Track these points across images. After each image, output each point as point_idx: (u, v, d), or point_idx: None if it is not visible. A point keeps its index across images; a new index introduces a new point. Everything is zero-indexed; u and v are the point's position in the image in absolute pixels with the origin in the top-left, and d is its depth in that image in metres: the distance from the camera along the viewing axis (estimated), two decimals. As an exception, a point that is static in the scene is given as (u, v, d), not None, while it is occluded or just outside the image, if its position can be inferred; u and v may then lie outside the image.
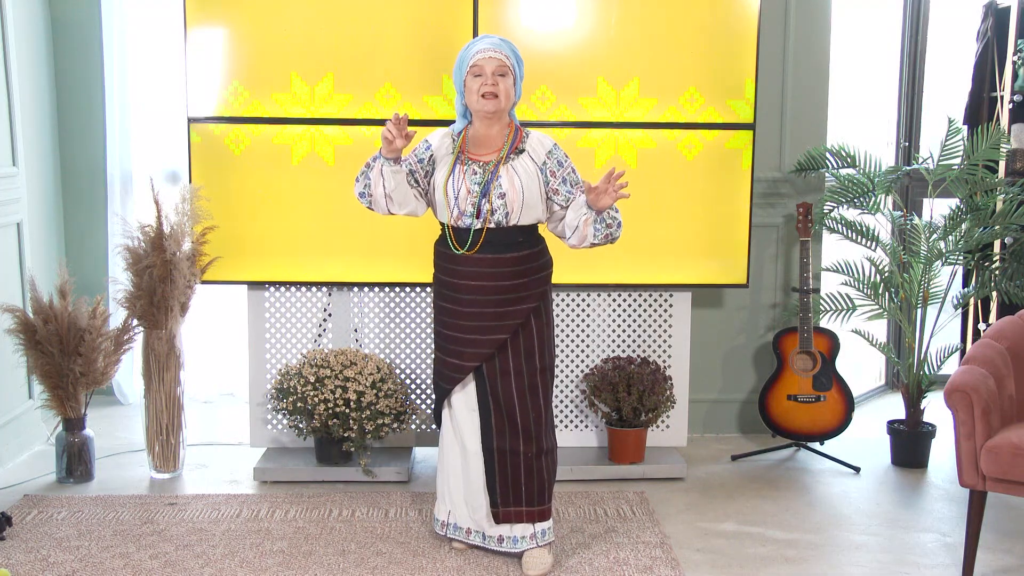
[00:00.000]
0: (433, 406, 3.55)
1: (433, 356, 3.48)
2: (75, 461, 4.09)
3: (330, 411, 3.96)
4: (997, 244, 4.60)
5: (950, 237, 4.37)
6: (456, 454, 3.39)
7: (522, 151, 3.25)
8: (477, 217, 3.20)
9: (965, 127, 4.92)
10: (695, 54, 4.11)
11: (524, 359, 3.28)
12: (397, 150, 3.17)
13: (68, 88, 4.93)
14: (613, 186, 3.13)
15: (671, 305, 4.39)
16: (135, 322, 4.11)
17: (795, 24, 4.60)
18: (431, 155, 3.30)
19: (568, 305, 4.35)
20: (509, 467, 3.30)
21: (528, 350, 3.29)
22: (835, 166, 4.53)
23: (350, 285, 4.24)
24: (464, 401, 3.35)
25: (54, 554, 3.40)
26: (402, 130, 3.13)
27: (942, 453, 4.46)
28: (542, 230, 3.37)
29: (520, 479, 3.30)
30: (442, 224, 3.32)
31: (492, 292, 3.25)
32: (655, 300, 4.39)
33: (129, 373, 5.06)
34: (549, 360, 3.34)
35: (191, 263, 4.05)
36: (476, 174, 3.21)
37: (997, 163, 4.61)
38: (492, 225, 3.21)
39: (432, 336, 4.29)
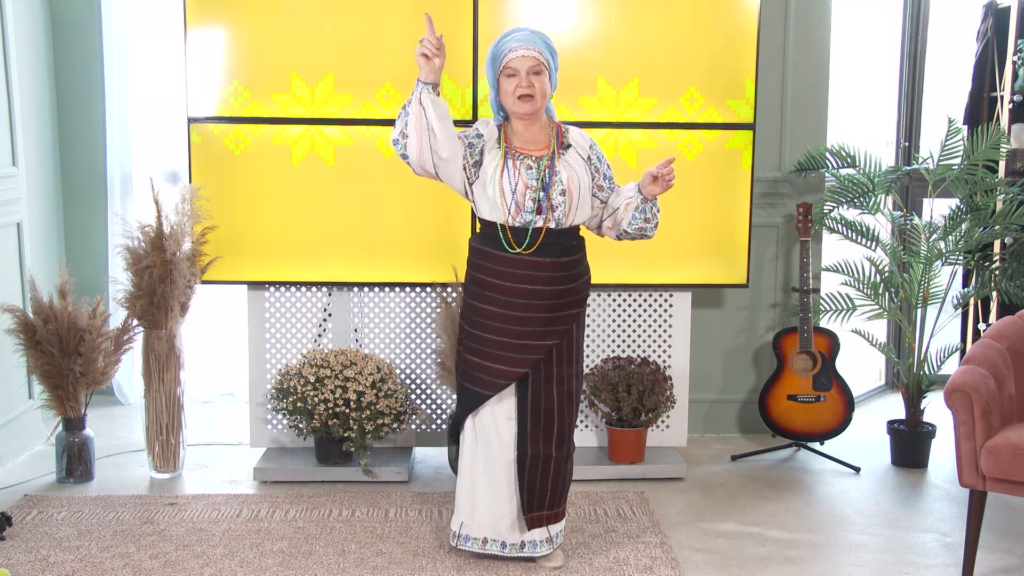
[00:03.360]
0: (455, 415, 3.35)
1: (462, 362, 3.27)
2: (75, 461, 4.09)
3: (330, 411, 3.96)
4: (997, 244, 4.60)
5: (950, 237, 4.37)
6: (483, 463, 3.26)
7: (568, 146, 3.20)
8: (539, 213, 3.11)
9: (965, 127, 4.92)
10: (695, 54, 4.11)
11: (565, 365, 3.24)
12: (437, 70, 3.02)
13: (68, 88, 4.93)
14: (667, 174, 3.14)
15: (671, 305, 4.39)
16: (135, 322, 4.11)
17: (795, 24, 4.60)
18: (482, 144, 3.16)
19: (568, 305, 4.34)
20: (540, 472, 3.23)
21: (568, 356, 3.24)
22: (835, 166, 4.53)
23: (350, 285, 4.24)
24: (503, 410, 3.23)
25: (54, 554, 3.40)
26: (440, 45, 3.01)
27: (942, 453, 4.46)
28: None
29: (548, 483, 3.25)
30: (489, 223, 3.18)
31: (548, 296, 3.16)
32: (655, 300, 4.39)
33: (129, 373, 5.06)
34: (581, 365, 3.33)
35: (191, 263, 4.05)
36: (531, 168, 3.13)
37: (997, 163, 4.62)
38: (552, 224, 3.14)
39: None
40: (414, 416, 4.28)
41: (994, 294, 4.69)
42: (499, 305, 3.17)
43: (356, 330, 4.31)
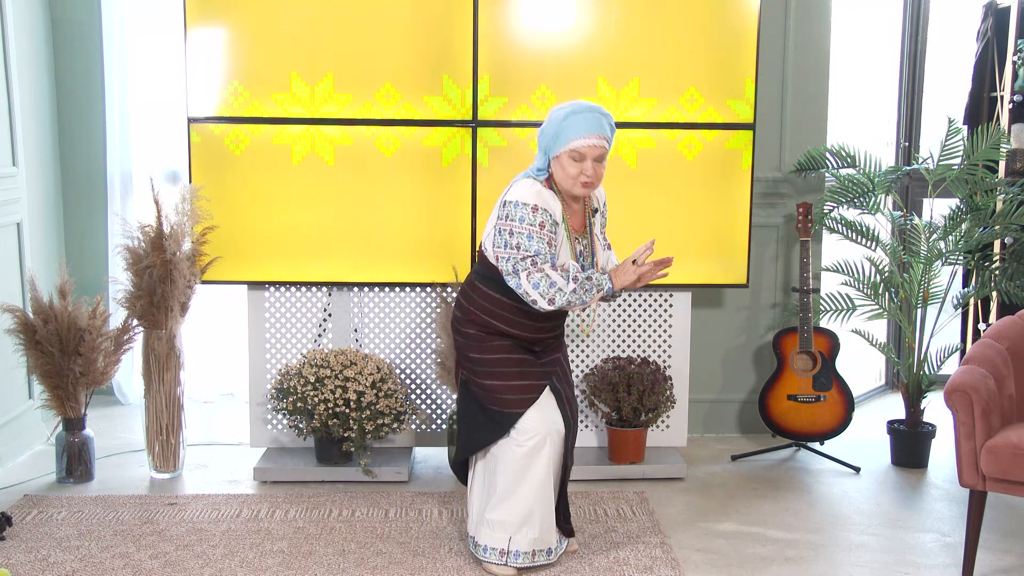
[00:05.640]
0: (478, 442, 3.30)
1: (481, 389, 3.25)
2: (75, 461, 4.09)
3: (330, 411, 3.96)
4: (997, 244, 4.60)
5: (950, 237, 4.37)
6: (543, 471, 3.22)
7: (596, 211, 3.30)
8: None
9: (965, 127, 4.92)
10: (695, 54, 4.11)
11: (569, 376, 3.40)
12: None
13: (68, 88, 4.93)
14: (654, 272, 3.13)
15: (671, 305, 4.39)
16: (135, 322, 4.11)
17: (795, 24, 4.60)
18: (555, 225, 3.14)
19: (568, 305, 4.35)
20: (565, 482, 3.37)
21: (568, 368, 3.42)
22: (835, 166, 4.53)
23: (350, 285, 4.24)
24: (544, 417, 3.23)
25: (54, 554, 3.40)
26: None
27: (942, 453, 4.46)
28: None
29: (566, 487, 3.40)
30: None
31: (551, 334, 3.31)
32: (655, 300, 4.39)
33: (129, 373, 5.06)
34: None
35: (191, 263, 4.05)
36: (582, 256, 3.22)
37: (997, 163, 4.62)
38: None
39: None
40: (414, 416, 4.28)
41: (994, 294, 4.69)
42: (511, 338, 3.25)
43: (356, 330, 4.30)
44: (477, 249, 3.67)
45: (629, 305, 4.38)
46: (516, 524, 3.23)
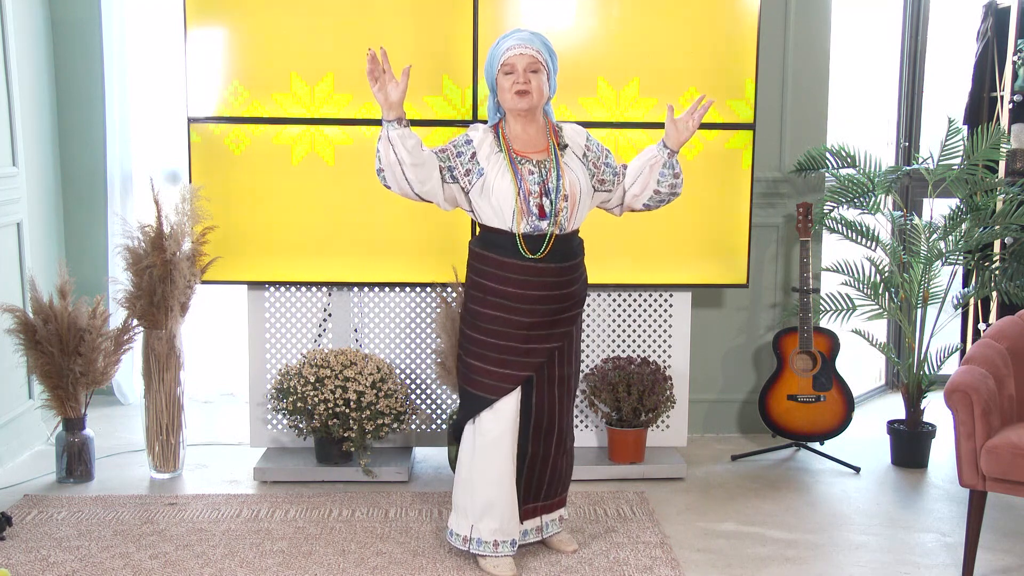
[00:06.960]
0: (459, 417, 3.33)
1: (464, 366, 3.27)
2: (75, 461, 4.09)
3: (330, 411, 3.96)
4: (997, 244, 4.61)
5: (950, 237, 4.37)
6: (500, 465, 3.22)
7: (565, 146, 3.21)
8: (542, 218, 3.10)
9: (965, 127, 4.92)
10: (695, 54, 4.11)
11: (565, 366, 3.29)
12: (394, 103, 3.01)
13: (68, 88, 4.93)
14: (699, 111, 3.17)
15: (671, 305, 4.39)
16: (135, 322, 4.11)
17: (795, 24, 4.61)
18: (473, 150, 3.15)
19: (568, 305, 4.34)
20: (537, 469, 3.29)
21: (568, 357, 3.30)
22: (835, 166, 4.53)
23: (350, 285, 4.24)
24: (515, 409, 3.20)
25: (54, 554, 3.40)
26: (380, 66, 2.98)
27: (942, 453, 4.46)
28: None
29: (544, 478, 3.32)
30: (496, 230, 3.17)
31: (552, 301, 3.19)
32: (655, 300, 4.39)
33: (129, 373, 5.06)
34: (579, 364, 3.39)
35: (191, 263, 4.05)
36: (533, 173, 3.12)
37: (997, 163, 4.62)
38: (556, 230, 3.14)
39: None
40: (414, 416, 4.28)
41: (994, 294, 4.69)
42: (503, 310, 3.18)
43: (356, 330, 4.31)
44: None
45: (629, 305, 4.38)
46: (477, 513, 3.24)
